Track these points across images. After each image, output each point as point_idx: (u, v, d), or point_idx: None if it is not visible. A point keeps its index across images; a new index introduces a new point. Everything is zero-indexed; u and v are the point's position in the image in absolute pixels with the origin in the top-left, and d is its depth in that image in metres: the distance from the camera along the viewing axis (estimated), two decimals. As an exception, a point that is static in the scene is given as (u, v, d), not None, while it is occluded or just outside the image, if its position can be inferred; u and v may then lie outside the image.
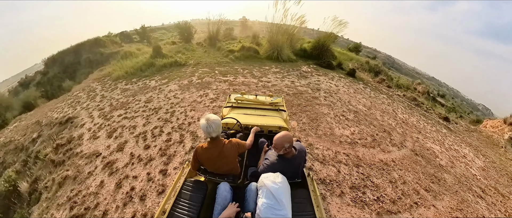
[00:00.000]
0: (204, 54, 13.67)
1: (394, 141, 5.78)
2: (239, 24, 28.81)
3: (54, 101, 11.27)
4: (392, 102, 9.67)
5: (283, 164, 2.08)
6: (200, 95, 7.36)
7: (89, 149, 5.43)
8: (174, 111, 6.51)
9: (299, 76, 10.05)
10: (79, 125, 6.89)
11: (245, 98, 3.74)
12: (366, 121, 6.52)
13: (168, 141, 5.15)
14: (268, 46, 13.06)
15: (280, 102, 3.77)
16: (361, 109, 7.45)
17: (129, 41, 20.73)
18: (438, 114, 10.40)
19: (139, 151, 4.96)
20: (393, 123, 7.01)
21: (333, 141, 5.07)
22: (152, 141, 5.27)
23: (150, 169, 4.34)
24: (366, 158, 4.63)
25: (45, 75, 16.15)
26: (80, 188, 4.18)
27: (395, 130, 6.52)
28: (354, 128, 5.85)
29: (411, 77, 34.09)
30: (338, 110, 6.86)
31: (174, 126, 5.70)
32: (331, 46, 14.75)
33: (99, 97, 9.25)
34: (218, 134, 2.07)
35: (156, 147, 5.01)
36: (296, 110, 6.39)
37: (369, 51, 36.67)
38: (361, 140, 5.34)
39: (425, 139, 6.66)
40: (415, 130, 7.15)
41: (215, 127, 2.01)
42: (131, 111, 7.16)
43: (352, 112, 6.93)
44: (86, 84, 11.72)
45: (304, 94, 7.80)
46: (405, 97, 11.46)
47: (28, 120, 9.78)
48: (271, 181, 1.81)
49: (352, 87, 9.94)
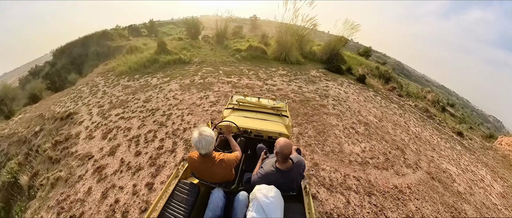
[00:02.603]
0: (210, 52, 13.16)
1: (408, 160, 5.16)
2: (249, 22, 28.14)
3: (58, 94, 11.08)
4: (404, 113, 8.98)
5: (278, 176, 1.94)
6: (200, 97, 6.86)
7: (83, 150, 5.18)
8: (171, 114, 6.06)
9: (307, 80, 9.44)
10: (78, 122, 6.69)
11: (247, 101, 3.55)
12: (378, 135, 5.91)
13: (159, 148, 4.76)
14: (276, 47, 12.44)
15: (283, 106, 3.55)
16: (371, 120, 6.82)
17: (138, 34, 20.35)
18: (451, 128, 9.65)
19: (129, 157, 4.65)
20: (406, 138, 6.38)
21: (342, 160, 4.48)
22: (144, 147, 4.91)
23: (137, 180, 4.00)
24: (379, 184, 4.04)
25: (54, 66, 15.97)
26: (69, 193, 4.00)
27: (409, 147, 5.89)
28: (365, 144, 5.24)
29: (421, 84, 32.84)
30: (347, 121, 6.26)
31: (168, 132, 5.28)
32: (341, 50, 14.03)
33: (101, 93, 8.95)
34: (207, 152, 1.94)
35: (147, 154, 4.64)
36: (302, 120, 5.80)
37: (379, 56, 35.45)
38: (372, 159, 4.73)
39: (441, 158, 6.01)
40: (429, 147, 6.49)
41: (205, 144, 1.88)
42: (128, 110, 6.80)
43: (363, 124, 6.32)
44: (90, 78, 11.44)
45: (311, 101, 7.21)
46: (417, 107, 10.72)
47: (32, 113, 9.67)
48: (264, 195, 1.70)
49: (362, 94, 9.29)
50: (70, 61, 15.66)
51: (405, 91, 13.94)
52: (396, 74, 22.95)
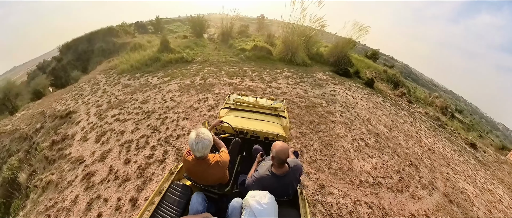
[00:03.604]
0: (214, 50, 12.68)
1: (424, 179, 4.58)
2: (256, 21, 27.50)
3: (61, 91, 10.86)
4: (414, 121, 8.34)
5: (273, 181, 1.82)
6: (199, 100, 6.40)
7: (76, 153, 4.93)
8: (166, 117, 5.63)
9: (313, 84, 8.87)
10: (75, 122, 6.52)
11: (245, 101, 3.40)
12: (389, 148, 5.34)
13: (149, 157, 4.38)
14: (282, 47, 11.86)
15: (281, 107, 3.39)
16: (382, 130, 6.24)
17: (144, 31, 20.00)
18: (464, 139, 8.95)
19: (119, 165, 4.33)
20: (419, 152, 5.78)
21: (352, 180, 3.91)
22: (134, 154, 4.56)
23: (122, 193, 3.66)
24: (393, 211, 3.47)
25: (60, 61, 15.75)
26: (58, 199, 3.81)
27: (422, 162, 5.30)
28: (376, 160, 4.67)
29: (428, 88, 31.64)
30: (356, 131, 5.69)
31: (161, 138, 4.87)
32: (349, 53, 13.35)
33: (101, 91, 8.65)
34: (202, 155, 1.84)
35: (136, 163, 4.28)
36: (307, 129, 5.25)
37: (386, 59, 34.33)
38: (385, 179, 4.16)
39: (456, 175, 5.41)
40: (443, 161, 5.89)
41: (202, 148, 1.78)
42: (125, 112, 6.45)
43: (373, 135, 5.74)
44: (92, 75, 11.13)
45: (318, 107, 6.66)
46: (428, 115, 10.04)
47: (35, 109, 9.48)
48: (257, 202, 1.60)
49: (370, 100, 8.68)
50: (76, 57, 15.41)
51: (414, 96, 13.21)
52: (404, 78, 22.07)
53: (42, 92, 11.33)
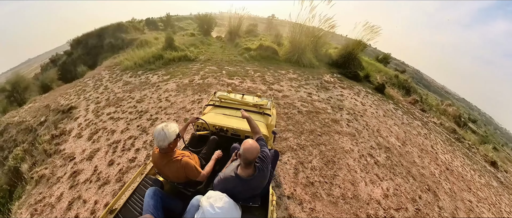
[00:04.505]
0: (219, 49, 12.15)
1: (444, 211, 3.84)
2: (265, 21, 26.74)
3: (66, 85, 10.75)
4: (429, 133, 7.50)
5: (236, 183, 1.61)
6: (193, 101, 5.91)
7: (70, 149, 4.94)
8: (157, 119, 5.22)
9: (319, 86, 8.15)
10: (74, 118, 6.46)
11: (229, 97, 3.30)
12: (402, 167, 4.61)
13: (132, 160, 4.10)
14: (289, 48, 11.17)
15: (266, 104, 3.23)
16: (394, 144, 5.50)
17: (154, 28, 19.75)
18: (483, 156, 8.00)
19: (103, 165, 4.18)
20: (437, 172, 5.02)
21: (357, 214, 3.16)
22: (119, 156, 4.32)
23: (99, 196, 3.53)
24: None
25: (70, 55, 15.73)
26: (46, 194, 3.86)
27: (441, 186, 4.54)
28: (388, 183, 3.95)
29: (440, 95, 29.85)
30: (364, 144, 4.97)
31: (146, 141, 4.55)
32: (359, 55, 12.47)
33: (103, 88, 8.42)
34: (162, 147, 1.81)
35: (119, 166, 4.04)
36: (306, 141, 4.58)
37: (397, 63, 32.65)
38: (399, 211, 3.40)
39: (480, 203, 4.63)
40: (464, 184, 5.10)
41: (160, 138, 1.76)
42: (120, 110, 6.14)
43: (383, 150, 5.01)
44: (98, 71, 10.91)
45: (322, 113, 5.97)
46: (443, 126, 9.10)
47: (41, 102, 9.44)
48: (210, 204, 1.44)
49: (381, 107, 7.88)
50: (86, 51, 15.29)
51: (428, 105, 12.18)
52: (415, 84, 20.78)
53: (49, 85, 11.18)
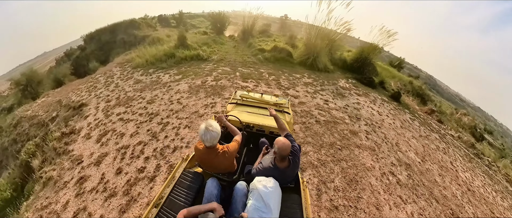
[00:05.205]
0: (232, 49, 11.79)
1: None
2: (278, 21, 26.13)
3: (78, 81, 10.69)
4: (447, 147, 7.00)
5: (275, 173, 1.88)
6: (206, 105, 5.59)
7: (78, 151, 4.71)
8: (168, 123, 4.95)
9: (335, 93, 7.71)
10: (84, 116, 6.30)
11: (250, 96, 3.46)
12: (424, 187, 4.21)
13: (141, 171, 3.78)
14: (303, 50, 10.72)
15: (285, 103, 3.45)
16: (413, 160, 5.06)
17: (167, 25, 19.55)
18: (504, 175, 7.43)
19: (110, 173, 3.90)
20: (458, 193, 4.59)
21: None
22: (127, 163, 4.02)
23: (105, 210, 3.26)
24: None
25: (83, 50, 15.72)
26: (52, 200, 3.67)
27: (464, 210, 4.13)
28: (412, 207, 3.57)
29: (454, 103, 28.52)
30: (385, 160, 4.55)
31: (157, 148, 4.23)
32: (374, 60, 11.87)
33: (113, 85, 8.26)
34: (211, 145, 1.91)
35: (127, 175, 3.75)
36: (326, 155, 4.19)
37: (410, 68, 31.47)
38: None
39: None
40: (486, 208, 4.70)
41: (210, 138, 1.85)
42: (130, 111, 5.90)
43: (404, 167, 4.59)
44: (109, 67, 10.79)
45: (340, 124, 5.55)
46: (461, 140, 8.51)
47: (53, 97, 9.45)
48: (263, 185, 1.70)
49: (398, 117, 7.39)
50: (99, 47, 15.24)
51: (443, 113, 11.50)
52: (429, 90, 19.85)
53: (62, 80, 11.09)
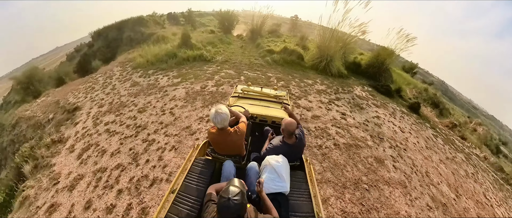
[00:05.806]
0: (239, 49, 10.92)
1: None
2: (289, 22, 24.92)
3: (79, 81, 10.27)
4: (476, 172, 6.02)
5: (285, 149, 2.09)
6: (201, 118, 4.80)
7: (58, 167, 4.24)
8: (154, 140, 4.26)
9: (352, 103, 6.70)
10: (74, 123, 5.91)
11: (251, 89, 3.56)
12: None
13: (109, 210, 3.04)
14: (316, 53, 9.66)
15: (284, 95, 3.61)
16: (448, 196, 4.11)
17: (176, 23, 18.86)
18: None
19: (79, 206, 3.27)
20: None
21: None
22: (98, 196, 3.36)
23: None
24: None
25: (91, 47, 15.31)
26: None
27: None
28: None
29: (466, 111, 26.59)
30: (419, 202, 3.56)
31: (133, 178, 3.51)
32: (391, 66, 10.69)
33: (110, 88, 7.75)
34: (223, 126, 2.02)
35: (94, 213, 3.05)
36: (352, 203, 3.12)
37: (422, 73, 29.65)
38: None
39: None
40: None
41: (221, 120, 1.96)
42: (118, 121, 5.32)
43: (441, 209, 3.62)
44: (111, 67, 10.28)
45: (362, 147, 4.55)
46: (487, 162, 7.36)
47: (53, 97, 9.07)
48: (274, 160, 1.88)
49: (420, 134, 6.37)
50: (106, 44, 14.76)
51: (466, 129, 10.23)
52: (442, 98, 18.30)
53: (64, 79, 10.53)
